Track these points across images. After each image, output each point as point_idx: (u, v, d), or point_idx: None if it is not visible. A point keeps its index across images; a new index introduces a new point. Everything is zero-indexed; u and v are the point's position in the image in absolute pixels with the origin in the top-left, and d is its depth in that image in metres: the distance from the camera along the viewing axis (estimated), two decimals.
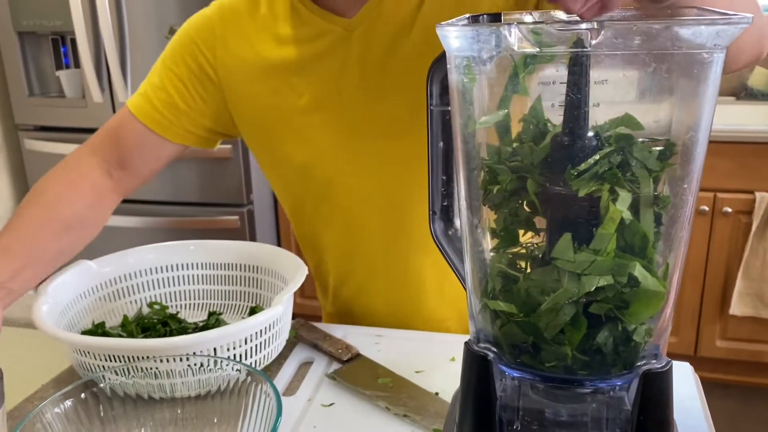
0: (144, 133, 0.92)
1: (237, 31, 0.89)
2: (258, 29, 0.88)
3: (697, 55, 0.34)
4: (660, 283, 0.39)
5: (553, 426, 0.41)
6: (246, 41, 0.89)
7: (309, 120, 0.88)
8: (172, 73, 0.92)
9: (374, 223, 0.91)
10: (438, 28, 0.37)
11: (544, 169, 0.42)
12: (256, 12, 0.89)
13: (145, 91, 0.93)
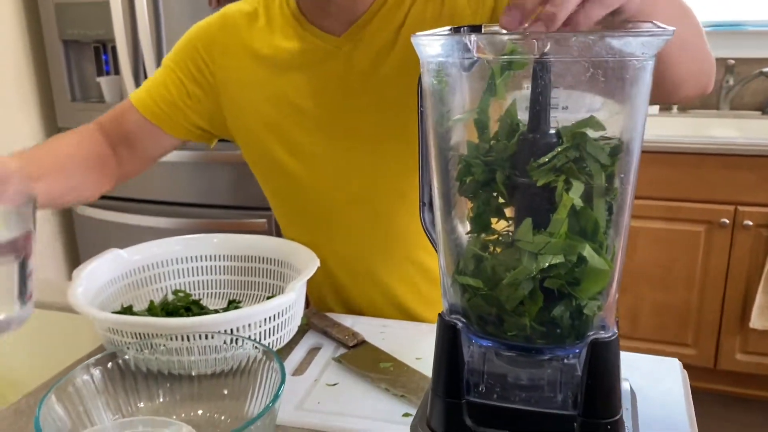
0: (142, 122, 1.01)
1: (236, 39, 0.97)
2: (256, 39, 0.96)
3: (628, 62, 0.40)
4: (606, 263, 0.44)
5: (514, 388, 0.47)
6: (244, 50, 0.96)
7: (297, 127, 0.96)
8: (173, 73, 1.00)
9: (359, 226, 0.98)
10: (413, 37, 0.43)
11: (511, 163, 0.47)
12: (255, 23, 0.96)
13: (148, 86, 1.02)
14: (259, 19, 0.96)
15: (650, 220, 2.21)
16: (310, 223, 1.03)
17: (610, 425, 0.45)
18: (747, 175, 2.09)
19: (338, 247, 1.01)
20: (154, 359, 0.77)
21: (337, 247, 1.01)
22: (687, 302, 2.26)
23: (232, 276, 1.02)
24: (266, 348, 0.71)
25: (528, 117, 0.46)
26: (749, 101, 2.55)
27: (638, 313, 2.32)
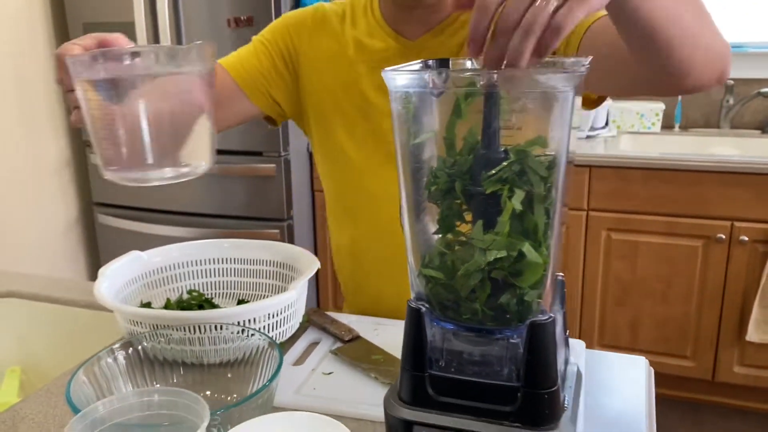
0: (230, 84, 1.10)
1: (323, 29, 1.09)
2: (340, 32, 1.08)
3: (552, 94, 0.49)
4: (542, 257, 0.53)
5: (468, 364, 0.55)
6: (329, 39, 1.08)
7: (361, 115, 1.06)
8: (264, 47, 1.11)
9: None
10: (383, 72, 0.53)
11: (469, 175, 0.56)
12: (342, 19, 1.09)
13: (238, 55, 1.12)
14: (346, 19, 1.09)
15: (650, 235, 2.28)
16: (358, 214, 1.12)
17: (547, 395, 0.53)
18: (743, 192, 2.16)
19: (382, 243, 1.09)
20: (169, 348, 0.86)
21: (381, 243, 1.09)
22: (686, 315, 2.32)
23: (241, 278, 1.12)
24: (270, 339, 0.80)
25: (481, 136, 0.55)
26: (749, 120, 2.62)
27: (639, 326, 2.38)
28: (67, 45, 0.75)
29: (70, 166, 2.80)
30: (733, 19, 2.64)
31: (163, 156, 0.74)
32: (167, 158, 0.75)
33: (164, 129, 0.73)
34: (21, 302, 1.20)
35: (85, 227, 2.90)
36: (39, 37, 2.61)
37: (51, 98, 2.68)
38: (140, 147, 0.73)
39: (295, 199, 2.53)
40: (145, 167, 0.74)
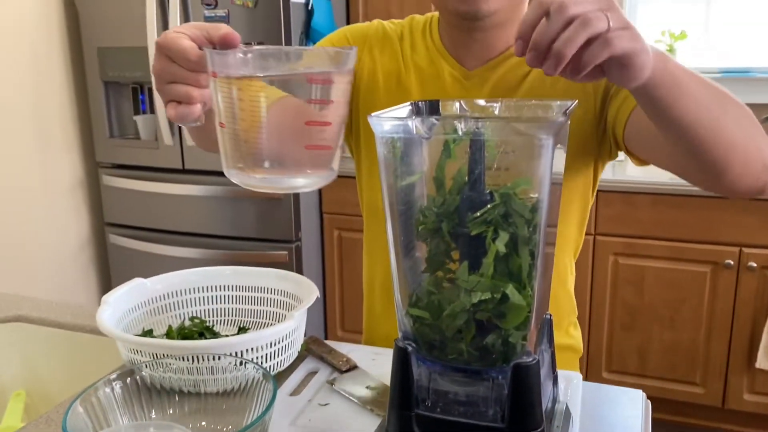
0: None
1: (384, 45, 1.09)
2: (399, 53, 1.08)
3: (531, 139, 0.50)
4: (525, 300, 0.53)
5: (453, 403, 0.56)
6: (388, 57, 1.08)
7: None
8: None
9: None
10: (369, 117, 0.54)
11: (456, 215, 0.57)
12: (401, 39, 1.09)
13: None
14: (405, 40, 1.09)
15: (657, 260, 2.27)
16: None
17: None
18: (751, 218, 2.15)
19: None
20: (167, 377, 0.87)
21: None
22: (695, 341, 2.30)
23: (242, 305, 1.13)
24: (265, 371, 0.81)
25: (467, 178, 0.56)
26: None
27: (648, 352, 2.36)
28: (171, 35, 0.70)
29: (83, 186, 2.84)
30: (740, 44, 2.64)
31: (301, 161, 0.69)
32: (305, 164, 0.69)
33: (308, 134, 0.67)
34: (28, 326, 1.21)
35: (97, 247, 2.93)
36: (55, 60, 2.67)
37: (65, 120, 2.73)
38: (285, 150, 0.68)
39: (303, 222, 2.54)
40: (281, 171, 0.69)
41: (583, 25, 0.55)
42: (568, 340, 1.13)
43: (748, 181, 0.78)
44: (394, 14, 2.45)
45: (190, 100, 0.70)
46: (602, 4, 0.57)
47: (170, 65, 0.70)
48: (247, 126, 0.66)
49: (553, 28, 0.55)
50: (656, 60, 0.63)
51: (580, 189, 1.04)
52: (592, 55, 0.56)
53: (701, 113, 0.70)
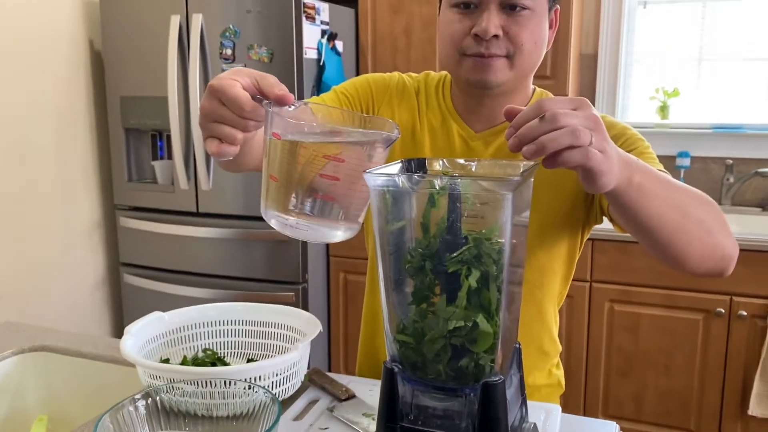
0: None
1: (402, 98, 1.18)
2: (416, 108, 1.17)
3: (492, 194, 0.60)
4: (492, 328, 0.63)
5: (432, 417, 0.65)
6: (406, 110, 1.17)
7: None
8: (344, 97, 1.16)
9: None
10: (364, 173, 0.65)
11: (437, 255, 0.68)
12: (418, 94, 1.18)
13: (321, 98, 1.17)
14: (421, 95, 1.18)
15: (651, 307, 2.35)
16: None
17: None
18: (741, 267, 2.22)
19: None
20: (182, 401, 0.96)
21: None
22: (689, 388, 2.36)
23: (252, 339, 1.22)
24: (272, 394, 0.91)
25: (446, 224, 0.67)
26: (750, 198, 2.71)
27: (643, 398, 2.42)
28: (226, 81, 0.75)
29: (101, 227, 2.97)
30: (732, 101, 2.77)
31: (337, 216, 0.75)
32: (340, 218, 0.75)
33: (350, 194, 0.73)
34: (52, 356, 1.31)
35: (112, 286, 3.04)
36: (80, 107, 2.83)
37: (87, 163, 2.87)
38: (327, 206, 0.74)
39: (310, 264, 2.65)
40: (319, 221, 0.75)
41: (571, 134, 0.65)
42: (551, 379, 1.22)
43: (707, 268, 0.89)
44: (401, 69, 2.59)
45: (234, 142, 0.77)
46: (590, 123, 0.67)
47: (221, 108, 0.75)
48: (298, 180, 0.73)
49: (543, 128, 0.65)
50: (623, 174, 0.74)
51: (566, 248, 1.14)
52: (569, 159, 0.66)
53: (663, 218, 0.81)
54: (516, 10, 0.99)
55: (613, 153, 0.70)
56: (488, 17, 0.99)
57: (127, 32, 2.71)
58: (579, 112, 0.66)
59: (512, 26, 1.00)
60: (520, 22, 1.00)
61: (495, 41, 1.00)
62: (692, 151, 2.75)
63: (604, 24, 2.84)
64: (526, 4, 0.99)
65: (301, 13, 2.48)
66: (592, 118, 0.67)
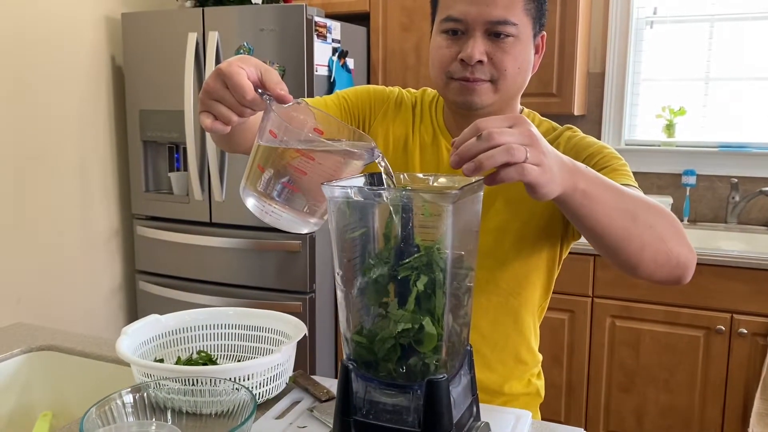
0: None
1: (398, 113, 1.23)
2: (410, 122, 1.22)
3: (437, 206, 0.66)
4: (437, 330, 0.68)
5: (383, 412, 0.70)
6: (400, 124, 1.22)
7: None
8: (338, 97, 1.22)
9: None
10: (322, 185, 0.71)
11: (392, 262, 0.73)
12: (414, 108, 1.23)
13: (324, 99, 1.23)
14: (416, 110, 1.23)
15: (653, 323, 2.37)
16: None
17: None
18: (743, 285, 2.24)
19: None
20: (170, 398, 1.03)
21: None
22: (689, 405, 2.36)
23: (242, 342, 1.28)
24: (251, 393, 0.96)
25: (400, 234, 0.72)
26: (756, 216, 2.71)
27: (644, 413, 2.43)
28: (234, 68, 0.79)
29: (118, 235, 3.07)
30: (738, 120, 2.78)
31: (301, 208, 0.82)
32: (304, 210, 0.83)
33: (315, 191, 0.79)
34: (58, 355, 1.39)
35: (127, 292, 3.13)
36: (100, 119, 2.94)
37: (106, 174, 2.98)
38: (293, 196, 0.82)
39: (318, 274, 2.71)
40: (287, 209, 0.83)
41: (506, 152, 0.69)
42: (529, 388, 1.25)
43: (662, 275, 0.92)
44: (411, 85, 2.66)
45: (228, 122, 0.82)
46: (525, 139, 0.72)
47: (223, 90, 0.80)
48: (272, 164, 0.81)
49: (479, 147, 0.70)
50: (568, 181, 0.78)
51: (545, 260, 1.18)
52: (507, 175, 0.71)
53: (612, 223, 0.85)
54: (500, 38, 1.04)
55: (553, 164, 0.74)
56: (473, 44, 1.04)
57: (147, 49, 2.82)
58: (515, 129, 0.71)
59: (496, 52, 1.05)
60: (504, 48, 1.05)
61: (480, 66, 1.05)
62: (698, 170, 2.77)
63: (612, 43, 2.88)
64: (510, 31, 1.04)
65: (313, 31, 2.56)
66: (527, 134, 0.71)
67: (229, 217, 2.77)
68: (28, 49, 2.59)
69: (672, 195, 2.79)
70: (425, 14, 2.82)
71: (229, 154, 2.72)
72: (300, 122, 0.87)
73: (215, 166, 2.71)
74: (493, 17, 1.02)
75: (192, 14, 2.71)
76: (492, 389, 1.18)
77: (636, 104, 2.94)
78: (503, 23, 1.02)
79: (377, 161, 0.79)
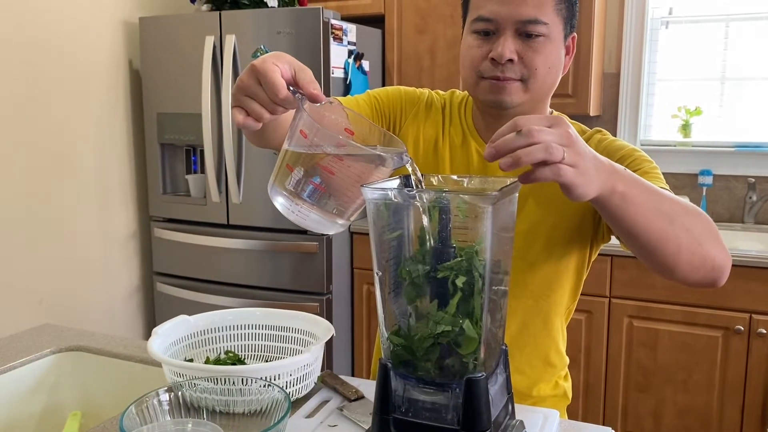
0: None
1: (428, 114, 1.24)
2: (440, 123, 1.23)
3: (474, 208, 0.67)
4: (476, 333, 0.69)
5: (422, 410, 0.72)
6: (431, 125, 1.23)
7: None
8: (369, 97, 1.23)
9: None
10: (362, 187, 0.72)
11: (430, 263, 0.74)
12: (443, 109, 1.24)
13: (356, 98, 1.24)
14: (446, 109, 1.24)
15: (670, 324, 2.37)
16: None
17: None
18: (761, 286, 2.24)
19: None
20: (202, 398, 1.04)
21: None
22: (708, 406, 2.36)
23: (270, 342, 1.30)
24: (285, 392, 0.98)
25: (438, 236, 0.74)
26: None
27: (662, 414, 2.43)
28: (269, 65, 0.80)
29: (136, 237, 3.10)
30: (755, 120, 2.78)
31: (331, 209, 0.83)
32: (333, 212, 0.83)
33: (344, 192, 0.80)
34: (87, 355, 1.41)
35: (145, 294, 3.16)
36: (118, 122, 2.97)
37: (124, 177, 3.00)
38: (323, 197, 0.83)
39: (335, 276, 2.72)
40: (317, 209, 0.83)
41: (544, 150, 0.70)
42: (557, 390, 1.26)
43: (698, 277, 0.93)
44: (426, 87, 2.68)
45: (259, 119, 0.83)
46: (563, 139, 0.72)
47: (257, 86, 0.81)
48: (302, 163, 0.81)
49: (518, 143, 0.70)
50: (606, 183, 0.78)
51: (574, 263, 1.19)
52: (542, 174, 0.71)
53: (649, 225, 0.85)
54: (531, 37, 1.05)
55: (590, 166, 0.75)
56: (504, 43, 1.04)
57: (164, 52, 2.84)
58: (554, 129, 0.72)
59: (527, 52, 1.06)
60: (535, 48, 1.06)
61: (510, 65, 1.06)
62: (714, 170, 2.76)
63: (627, 43, 2.88)
64: (541, 31, 1.05)
65: (329, 34, 2.58)
66: (565, 135, 0.72)
67: (246, 219, 2.79)
68: (46, 55, 2.62)
69: (688, 195, 2.79)
70: (440, 17, 2.83)
71: (245, 156, 2.74)
72: (331, 122, 0.88)
73: (232, 168, 2.73)
74: (523, 16, 1.03)
75: (209, 18, 2.73)
76: (520, 391, 1.18)
77: (651, 104, 2.94)
78: (534, 22, 1.03)
79: (406, 166, 0.80)
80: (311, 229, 0.87)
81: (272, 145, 1.09)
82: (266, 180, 0.87)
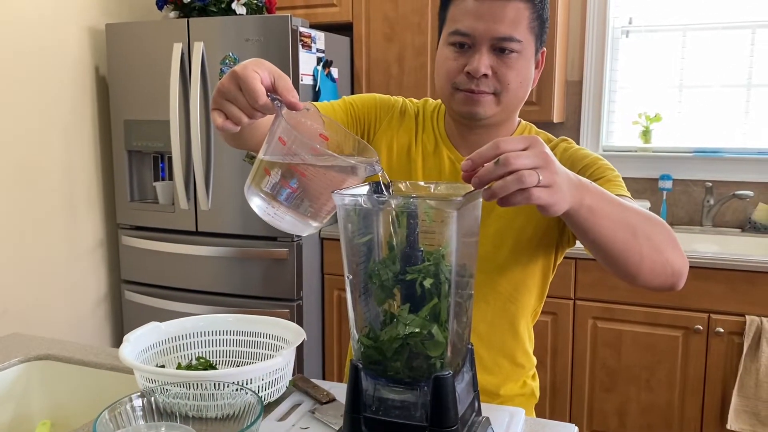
0: None
1: (402, 122, 1.27)
2: (414, 130, 1.26)
3: (440, 212, 0.70)
4: (443, 337, 0.72)
5: (392, 408, 0.74)
6: (404, 132, 1.25)
7: None
8: (345, 103, 1.25)
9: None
10: (332, 193, 0.75)
11: (399, 266, 0.77)
12: (417, 117, 1.27)
13: (331, 103, 1.26)
14: (419, 117, 1.27)
15: (633, 324, 2.44)
16: None
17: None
18: (718, 286, 2.32)
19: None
20: (175, 403, 1.05)
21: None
22: (670, 402, 2.43)
23: (241, 348, 1.31)
24: (257, 396, 0.99)
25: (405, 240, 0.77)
26: (731, 219, 2.80)
27: (626, 412, 2.49)
28: (249, 72, 0.83)
29: (104, 245, 3.07)
30: (711, 126, 2.87)
31: (304, 212, 0.86)
32: (306, 214, 0.86)
33: (316, 195, 0.84)
34: (56, 364, 1.40)
35: (113, 302, 3.13)
36: (85, 129, 2.94)
37: (91, 184, 2.98)
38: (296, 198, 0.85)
39: (305, 282, 2.74)
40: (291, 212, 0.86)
41: (517, 180, 0.73)
42: (524, 389, 1.30)
43: (658, 282, 0.97)
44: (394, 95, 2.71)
45: (238, 123, 0.86)
46: (539, 161, 0.75)
47: (237, 92, 0.84)
48: (286, 175, 0.84)
49: (496, 173, 0.74)
50: (575, 197, 0.82)
51: (540, 266, 1.23)
52: (514, 201, 0.75)
53: (614, 236, 0.89)
54: (505, 53, 1.09)
55: (563, 183, 0.78)
56: (479, 58, 1.08)
57: (132, 59, 2.83)
58: (530, 151, 0.75)
59: (501, 67, 1.10)
60: (509, 63, 1.10)
61: (484, 79, 1.10)
62: (674, 174, 2.85)
63: (589, 52, 2.96)
64: (515, 48, 1.09)
65: (298, 41, 2.60)
66: (542, 156, 0.75)
67: (215, 225, 2.79)
68: (12, 60, 2.59)
69: (649, 199, 2.87)
70: (408, 25, 2.87)
71: (214, 162, 2.74)
72: (308, 128, 0.91)
73: (201, 175, 2.73)
74: (499, 34, 1.07)
75: (177, 25, 2.73)
76: (489, 390, 1.22)
77: (613, 111, 3.02)
78: (509, 40, 1.07)
79: (378, 174, 0.83)
80: (285, 230, 0.90)
81: (247, 147, 1.11)
82: (234, 187, 0.89)
